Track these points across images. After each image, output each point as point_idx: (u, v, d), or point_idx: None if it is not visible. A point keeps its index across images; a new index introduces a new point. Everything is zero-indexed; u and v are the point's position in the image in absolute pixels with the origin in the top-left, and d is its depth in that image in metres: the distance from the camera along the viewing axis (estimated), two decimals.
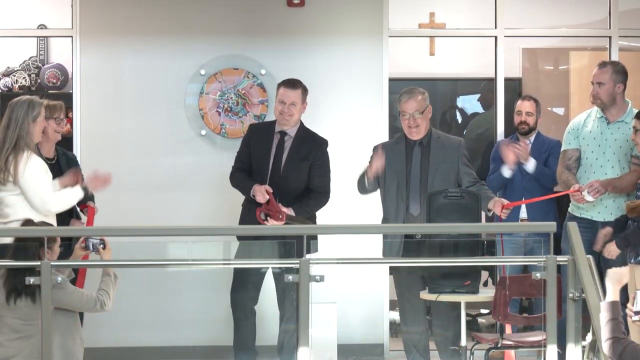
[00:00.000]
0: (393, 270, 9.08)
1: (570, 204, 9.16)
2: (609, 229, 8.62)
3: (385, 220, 8.93)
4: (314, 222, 8.98)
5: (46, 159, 8.56)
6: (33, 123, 8.21)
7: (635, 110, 8.94)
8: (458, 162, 8.85)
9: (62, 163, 8.89)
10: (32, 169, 8.11)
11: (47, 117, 8.59)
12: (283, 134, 9.06)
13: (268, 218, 8.70)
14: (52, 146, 8.79)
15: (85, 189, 8.40)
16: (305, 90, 9.11)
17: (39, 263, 7.34)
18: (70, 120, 10.70)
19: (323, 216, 9.71)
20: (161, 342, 9.68)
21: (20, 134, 8.17)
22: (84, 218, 8.87)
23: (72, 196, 8.31)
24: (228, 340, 9.05)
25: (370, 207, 9.18)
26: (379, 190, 8.84)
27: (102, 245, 7.61)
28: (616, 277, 6.60)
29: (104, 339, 9.75)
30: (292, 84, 9.07)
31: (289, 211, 8.75)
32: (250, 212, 8.88)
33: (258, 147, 9.08)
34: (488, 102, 12.36)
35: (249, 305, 9.02)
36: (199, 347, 9.54)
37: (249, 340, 9.00)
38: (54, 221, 8.33)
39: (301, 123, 9.15)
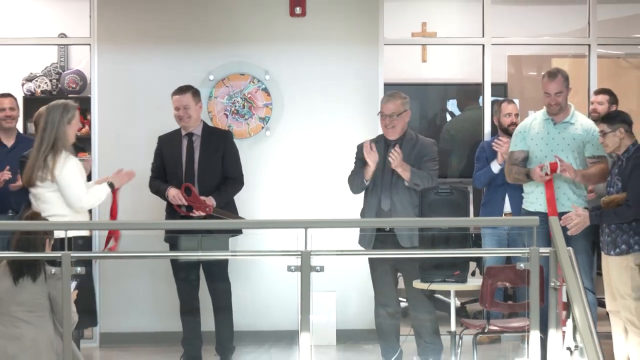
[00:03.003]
0: (369, 260, 9.15)
1: (523, 201, 9.20)
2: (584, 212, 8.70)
3: (362, 214, 9.01)
4: (233, 208, 9.12)
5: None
6: (68, 125, 8.27)
7: (577, 112, 9.10)
8: (421, 159, 8.87)
9: None
10: (69, 169, 8.16)
11: None
12: (190, 135, 9.13)
13: (193, 210, 8.84)
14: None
15: (111, 184, 8.45)
16: (196, 92, 9.23)
17: (60, 254, 7.39)
18: (88, 122, 10.75)
19: (320, 211, 9.80)
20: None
21: (57, 135, 8.21)
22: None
23: (101, 193, 8.36)
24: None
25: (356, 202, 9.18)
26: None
27: None
28: None
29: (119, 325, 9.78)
30: (181, 90, 9.18)
31: (210, 200, 8.87)
32: (170, 215, 9.04)
33: (169, 153, 9.18)
34: (462, 105, 12.45)
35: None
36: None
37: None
38: (86, 217, 8.37)
39: (203, 121, 9.27)
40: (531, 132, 9.11)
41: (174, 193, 8.91)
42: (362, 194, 8.92)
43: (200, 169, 9.03)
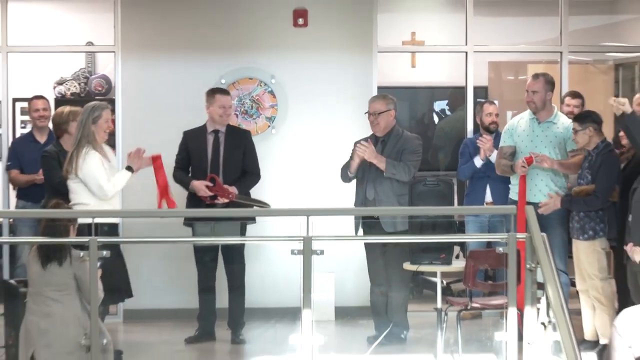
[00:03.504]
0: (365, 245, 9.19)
1: (510, 191, 9.20)
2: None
3: (355, 203, 9.04)
4: (248, 197, 9.13)
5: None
6: (94, 124, 8.24)
7: (560, 113, 9.20)
8: (403, 152, 8.86)
9: None
10: (89, 162, 8.14)
11: (72, 120, 8.63)
12: (216, 132, 9.14)
13: (218, 198, 8.84)
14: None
15: (129, 168, 8.42)
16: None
17: (87, 239, 7.38)
18: (113, 122, 10.69)
19: (320, 200, 9.78)
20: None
21: (84, 133, 8.22)
22: None
23: (121, 180, 8.32)
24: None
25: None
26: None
27: None
28: None
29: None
30: (225, 92, 9.32)
31: (233, 189, 8.88)
32: (191, 202, 9.01)
33: (196, 147, 9.18)
34: (452, 106, 12.42)
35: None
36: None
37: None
38: (117, 205, 8.33)
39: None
40: (518, 129, 9.20)
41: (198, 184, 8.89)
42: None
43: (225, 163, 9.05)
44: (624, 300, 8.28)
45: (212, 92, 9.21)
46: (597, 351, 8.50)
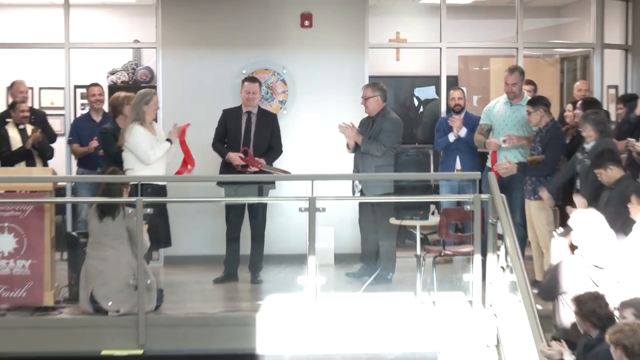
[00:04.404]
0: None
1: (487, 161, 9.22)
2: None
3: (353, 171, 9.13)
4: (274, 167, 9.10)
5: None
6: (146, 105, 8.28)
7: (529, 98, 9.14)
8: (380, 132, 8.88)
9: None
10: (134, 135, 8.18)
11: (126, 103, 8.66)
12: (249, 113, 9.08)
13: (249, 167, 8.84)
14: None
15: (168, 140, 8.41)
16: (260, 84, 9.24)
17: (135, 200, 7.42)
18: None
19: (322, 168, 9.78)
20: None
21: (137, 112, 8.23)
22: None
23: (162, 148, 8.31)
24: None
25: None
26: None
27: None
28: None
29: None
30: (252, 79, 9.20)
31: (262, 160, 8.89)
32: (224, 168, 9.00)
33: (232, 124, 9.10)
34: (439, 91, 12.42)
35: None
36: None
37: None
38: (162, 171, 8.33)
39: (258, 105, 9.21)
40: (494, 110, 9.27)
41: (233, 156, 8.88)
42: None
43: (255, 139, 9.00)
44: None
45: (243, 80, 9.18)
46: None
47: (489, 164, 9.14)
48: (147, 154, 8.16)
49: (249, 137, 9.01)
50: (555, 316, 6.96)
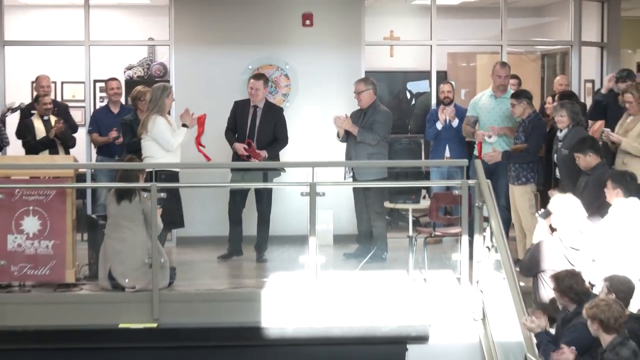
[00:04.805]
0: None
1: (474, 149, 9.18)
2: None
3: (345, 158, 9.04)
4: (276, 157, 9.04)
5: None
6: (167, 97, 8.19)
7: (512, 91, 9.13)
8: (373, 122, 8.78)
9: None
10: (157, 124, 8.07)
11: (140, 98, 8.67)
12: (255, 107, 8.99)
13: (251, 158, 8.78)
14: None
15: (184, 125, 8.31)
16: (266, 80, 9.10)
17: (149, 185, 7.38)
18: None
19: (322, 156, 9.71)
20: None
21: (157, 104, 8.13)
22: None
23: (181, 135, 8.19)
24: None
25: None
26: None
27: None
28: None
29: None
30: (256, 77, 9.07)
31: (264, 153, 8.79)
32: (235, 157, 8.93)
33: (240, 116, 9.03)
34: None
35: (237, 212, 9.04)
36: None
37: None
38: (178, 158, 8.26)
39: (265, 99, 9.09)
40: (480, 103, 9.23)
41: (238, 146, 8.82)
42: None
43: (259, 132, 8.91)
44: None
45: (249, 77, 9.09)
46: None
47: (476, 152, 9.08)
48: (169, 142, 8.09)
49: (254, 130, 8.93)
50: (535, 293, 6.96)
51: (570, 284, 6.07)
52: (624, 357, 5.22)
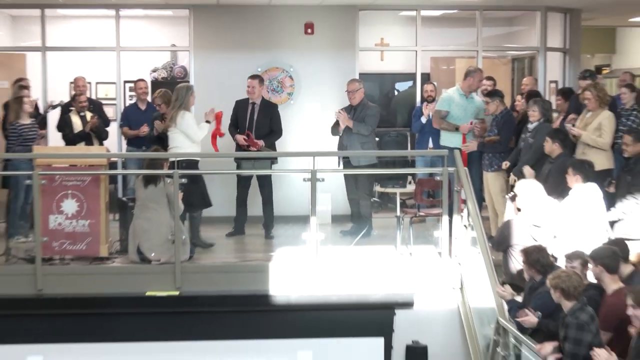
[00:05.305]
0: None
1: (440, 140, 9.10)
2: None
3: (337, 148, 8.96)
4: (273, 147, 8.93)
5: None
6: (191, 96, 8.19)
7: (479, 92, 9.17)
8: (366, 116, 8.77)
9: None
10: (186, 119, 8.07)
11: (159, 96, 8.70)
12: (253, 103, 8.96)
13: (250, 148, 8.74)
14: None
15: (207, 121, 8.30)
16: (261, 80, 9.03)
17: (172, 172, 7.39)
18: None
19: (322, 147, 9.69)
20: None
21: (183, 101, 8.12)
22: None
23: (205, 129, 8.18)
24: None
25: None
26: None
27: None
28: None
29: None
30: (252, 77, 9.03)
31: (261, 142, 8.76)
32: (238, 147, 8.87)
33: (240, 112, 9.00)
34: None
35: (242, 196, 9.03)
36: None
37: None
38: (199, 149, 8.24)
39: (262, 97, 9.05)
40: (455, 100, 9.09)
41: (239, 137, 8.81)
42: None
43: (256, 125, 8.88)
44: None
45: (248, 78, 9.08)
46: None
47: (444, 142, 9.00)
48: (197, 134, 8.09)
49: (252, 123, 8.92)
50: (505, 265, 6.99)
51: (537, 258, 6.10)
52: (583, 320, 5.25)
